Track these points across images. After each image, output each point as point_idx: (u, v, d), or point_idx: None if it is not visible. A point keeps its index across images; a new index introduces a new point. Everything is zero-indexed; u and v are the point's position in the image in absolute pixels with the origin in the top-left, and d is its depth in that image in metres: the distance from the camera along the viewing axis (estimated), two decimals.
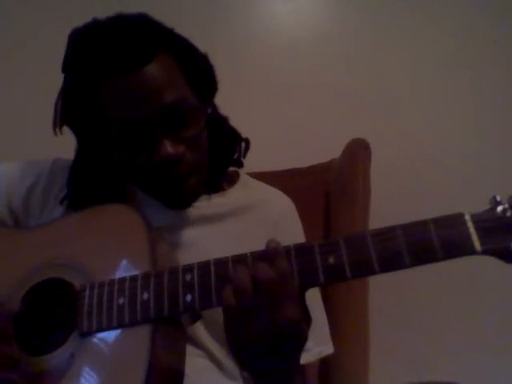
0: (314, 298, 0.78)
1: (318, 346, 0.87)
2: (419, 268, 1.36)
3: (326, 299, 1.08)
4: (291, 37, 1.53)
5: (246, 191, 0.95)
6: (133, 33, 0.77)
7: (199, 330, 0.82)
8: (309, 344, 0.73)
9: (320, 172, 1.27)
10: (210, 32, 1.50)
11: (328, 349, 0.91)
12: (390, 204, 1.33)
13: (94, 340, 0.69)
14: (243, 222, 0.90)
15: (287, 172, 1.29)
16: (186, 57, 0.82)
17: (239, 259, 0.65)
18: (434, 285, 1.42)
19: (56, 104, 0.85)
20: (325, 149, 1.29)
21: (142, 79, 0.75)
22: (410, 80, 1.49)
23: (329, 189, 1.24)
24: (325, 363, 1.06)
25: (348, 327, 1.09)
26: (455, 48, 1.50)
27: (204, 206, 0.89)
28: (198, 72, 0.83)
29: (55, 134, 0.85)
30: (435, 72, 1.50)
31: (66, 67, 0.82)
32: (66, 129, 0.86)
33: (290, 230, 0.93)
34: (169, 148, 0.75)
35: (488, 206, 0.59)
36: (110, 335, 0.68)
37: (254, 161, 0.98)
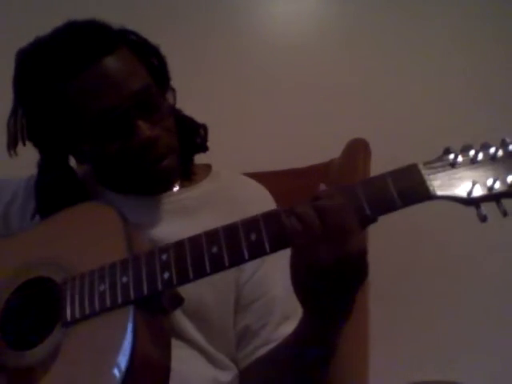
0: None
1: None
2: (420, 268, 1.37)
3: None
4: (292, 37, 1.53)
5: (217, 183, 0.96)
6: (89, 30, 0.82)
7: (185, 321, 0.83)
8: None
9: (320, 172, 1.27)
10: (210, 33, 1.50)
11: None
12: None
13: (78, 329, 0.70)
14: (216, 213, 0.90)
15: (287, 172, 1.29)
16: (142, 49, 0.86)
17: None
18: (434, 285, 1.42)
19: (8, 124, 0.88)
20: (325, 149, 1.29)
21: (108, 68, 0.79)
22: (410, 80, 1.49)
23: None
24: None
25: (348, 327, 1.08)
26: (456, 48, 1.50)
27: (176, 200, 0.91)
28: (154, 63, 0.88)
29: (10, 155, 0.87)
30: (435, 72, 1.50)
31: (22, 82, 0.84)
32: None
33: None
34: (146, 130, 0.80)
35: (440, 155, 0.63)
36: (93, 322, 0.69)
37: (254, 161, 0.98)
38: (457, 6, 1.51)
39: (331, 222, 0.60)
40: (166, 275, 0.67)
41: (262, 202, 0.96)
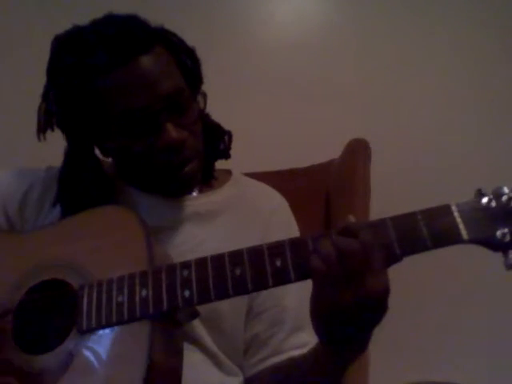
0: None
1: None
2: (419, 268, 1.36)
3: None
4: (291, 37, 1.53)
5: (237, 188, 0.95)
6: (128, 27, 0.80)
7: (197, 326, 0.82)
8: (308, 338, 0.75)
9: (320, 172, 1.27)
10: (210, 32, 1.50)
11: None
12: (390, 204, 1.33)
13: (93, 338, 0.69)
14: (236, 218, 0.91)
15: (287, 172, 1.29)
16: (178, 50, 0.85)
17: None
18: (434, 285, 1.42)
19: (39, 109, 0.87)
20: (325, 149, 1.29)
21: (143, 67, 0.78)
22: (410, 80, 1.50)
23: (329, 189, 1.24)
24: None
25: None
26: (456, 48, 1.50)
27: (197, 204, 0.90)
28: (189, 65, 0.86)
29: (39, 139, 0.86)
30: (435, 72, 1.50)
31: (56, 70, 0.83)
32: (50, 135, 0.87)
33: (283, 225, 0.93)
34: (173, 132, 0.79)
35: (473, 198, 0.62)
36: (109, 333, 0.68)
37: (254, 161, 0.98)
38: (457, 7, 1.51)
39: (352, 265, 0.59)
40: (187, 293, 0.66)
41: (283, 213, 0.97)
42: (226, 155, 0.96)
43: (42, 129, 0.87)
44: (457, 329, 1.42)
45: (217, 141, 0.94)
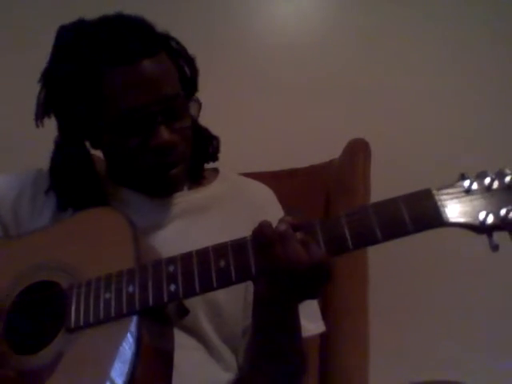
0: None
1: (310, 323, 0.90)
2: (420, 268, 1.36)
3: (326, 299, 1.08)
4: (291, 37, 1.53)
5: (225, 184, 0.98)
6: (137, 29, 0.84)
7: (199, 316, 0.84)
8: (302, 322, 0.77)
9: (320, 172, 1.27)
10: (209, 32, 1.50)
11: (320, 327, 0.94)
12: None
13: (82, 336, 0.70)
14: (225, 212, 0.93)
15: (287, 172, 1.29)
16: (179, 59, 0.89)
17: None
18: (434, 285, 1.42)
19: (39, 94, 0.89)
20: (325, 149, 1.29)
21: (146, 69, 0.81)
22: (409, 80, 1.49)
23: (329, 189, 1.24)
24: (325, 363, 1.06)
25: (348, 327, 1.09)
26: (455, 48, 1.50)
27: (186, 201, 0.93)
28: (187, 74, 0.91)
29: (37, 126, 0.89)
30: (435, 72, 1.50)
31: (61, 57, 0.85)
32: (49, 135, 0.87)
33: (272, 217, 0.94)
34: (166, 135, 0.82)
35: (455, 181, 0.62)
36: (97, 330, 0.69)
37: (254, 161, 0.99)
38: (458, 7, 1.51)
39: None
40: (173, 287, 0.68)
41: (274, 205, 0.99)
42: (214, 158, 0.99)
43: (40, 115, 0.89)
44: (457, 328, 1.41)
45: (206, 144, 0.97)
